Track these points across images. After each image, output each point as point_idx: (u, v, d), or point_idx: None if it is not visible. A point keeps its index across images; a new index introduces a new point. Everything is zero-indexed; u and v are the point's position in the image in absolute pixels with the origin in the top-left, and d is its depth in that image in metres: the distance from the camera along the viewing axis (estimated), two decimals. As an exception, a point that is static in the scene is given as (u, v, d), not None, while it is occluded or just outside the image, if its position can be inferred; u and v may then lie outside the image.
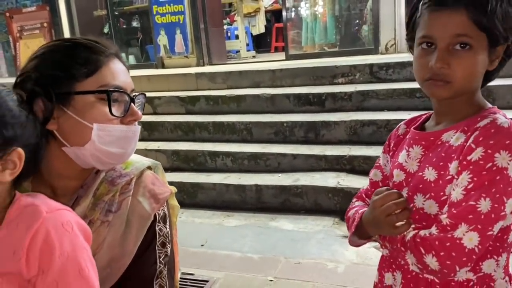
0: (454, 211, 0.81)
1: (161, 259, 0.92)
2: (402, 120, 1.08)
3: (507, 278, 0.90)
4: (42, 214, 0.72)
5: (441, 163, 0.87)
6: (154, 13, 5.73)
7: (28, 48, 6.80)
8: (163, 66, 5.84)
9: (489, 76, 0.91)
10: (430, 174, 0.89)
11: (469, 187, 0.81)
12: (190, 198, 3.55)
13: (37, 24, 6.69)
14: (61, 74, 0.84)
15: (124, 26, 7.15)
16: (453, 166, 0.85)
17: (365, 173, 3.24)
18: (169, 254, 0.94)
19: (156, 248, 0.92)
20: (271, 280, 2.43)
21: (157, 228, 0.93)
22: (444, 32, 0.84)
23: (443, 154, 0.88)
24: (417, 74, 0.90)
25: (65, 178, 0.91)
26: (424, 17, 0.87)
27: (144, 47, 6.85)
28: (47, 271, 0.70)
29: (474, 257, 0.80)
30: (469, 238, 0.79)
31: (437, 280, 0.89)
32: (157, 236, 0.93)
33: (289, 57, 5.44)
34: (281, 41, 8.46)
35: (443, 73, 0.85)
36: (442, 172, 0.87)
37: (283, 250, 2.76)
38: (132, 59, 6.65)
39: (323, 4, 5.65)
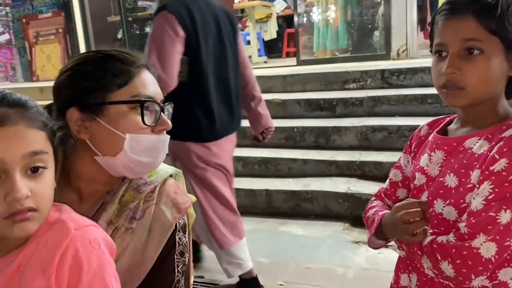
0: (473, 221, 0.81)
1: (179, 268, 0.93)
2: (413, 126, 1.09)
3: None
4: (71, 232, 0.72)
5: (463, 170, 0.88)
6: (167, 19, 5.78)
7: (43, 53, 6.93)
8: (175, 71, 5.89)
9: None
10: (451, 180, 0.89)
11: (489, 197, 0.81)
12: (201, 202, 3.57)
13: (53, 30, 6.81)
14: (94, 85, 0.86)
15: (138, 32, 7.24)
16: (474, 175, 0.85)
17: (375, 178, 3.24)
18: (186, 264, 0.96)
19: (175, 257, 0.93)
20: (281, 285, 2.44)
21: (177, 237, 0.94)
22: (454, 38, 0.86)
23: (465, 161, 0.88)
24: (434, 82, 0.92)
25: (93, 182, 0.92)
26: (438, 25, 0.89)
27: (157, 53, 6.93)
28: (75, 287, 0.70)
29: (490, 266, 0.80)
30: (487, 248, 0.80)
31: (452, 285, 0.89)
32: (177, 245, 0.94)
33: (300, 63, 5.45)
34: (292, 46, 8.46)
35: (454, 79, 0.86)
36: (463, 180, 0.87)
37: (293, 254, 2.77)
38: (145, 65, 6.73)
39: (335, 10, 5.66)
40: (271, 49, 8.89)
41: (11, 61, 8.29)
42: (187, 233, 0.97)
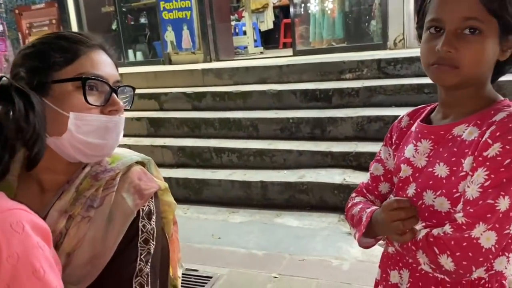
0: (471, 210, 0.78)
1: (142, 257, 0.88)
2: None
3: None
4: None
5: (453, 159, 0.84)
6: (161, 9, 5.73)
7: (37, 44, 6.86)
8: (170, 62, 5.85)
9: (501, 68, 0.88)
10: (441, 170, 0.85)
11: (485, 184, 0.77)
12: (196, 194, 3.54)
13: (46, 21, 6.74)
14: (39, 64, 0.84)
15: (132, 23, 7.17)
16: (467, 162, 0.81)
17: (371, 169, 3.22)
18: (152, 252, 0.91)
19: (138, 245, 0.89)
20: (275, 277, 2.42)
21: (140, 225, 0.89)
22: (453, 15, 0.81)
23: (455, 149, 0.84)
24: (423, 59, 0.87)
25: (52, 172, 0.89)
26: (434, 0, 0.85)
27: (152, 44, 6.86)
28: None
29: (490, 256, 0.78)
30: (487, 238, 0.76)
31: (447, 279, 0.85)
32: (140, 233, 0.89)
33: (296, 53, 5.41)
34: (289, 37, 8.39)
35: (449, 57, 0.81)
36: (455, 168, 0.83)
37: (287, 246, 2.75)
38: (139, 56, 6.67)
39: (331, 0, 5.60)
40: (268, 39, 8.83)
41: (5, 53, 8.21)
42: (153, 220, 0.93)
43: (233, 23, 7.66)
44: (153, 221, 0.92)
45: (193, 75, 4.81)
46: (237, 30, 7.89)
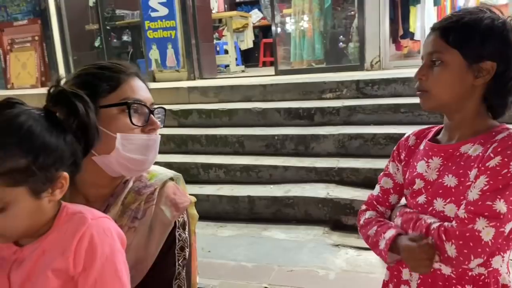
0: (471, 208, 0.93)
1: (179, 262, 1.02)
2: (387, 134, 1.22)
3: (508, 272, 1.03)
4: (88, 221, 0.82)
5: (461, 171, 0.99)
6: (146, 28, 5.84)
7: (19, 60, 6.84)
8: (154, 80, 5.94)
9: (493, 98, 1.01)
10: (450, 180, 1.00)
11: (485, 188, 0.93)
12: (184, 209, 3.62)
13: (29, 37, 6.73)
14: (88, 92, 0.94)
15: (115, 40, 7.25)
16: (473, 174, 0.97)
17: (353, 184, 3.39)
18: (187, 258, 1.05)
19: (176, 252, 1.02)
20: (266, 287, 2.53)
21: (176, 234, 1.03)
22: (425, 51, 1.03)
23: (462, 163, 1.00)
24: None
25: (96, 186, 1.01)
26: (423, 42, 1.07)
27: (135, 61, 6.95)
28: (89, 269, 0.80)
29: (487, 249, 0.92)
30: (487, 233, 0.91)
31: (453, 276, 1.00)
32: (177, 241, 1.03)
33: (278, 73, 5.60)
34: (268, 56, 8.65)
35: (421, 83, 1.03)
36: (463, 179, 0.98)
37: (276, 258, 2.85)
38: (123, 73, 6.73)
39: (311, 22, 5.85)
40: (248, 58, 9.04)
41: (-17, 69, 8.13)
42: (186, 230, 1.07)
43: (214, 41, 7.83)
44: (187, 231, 1.05)
45: (178, 92, 4.92)
46: (218, 49, 8.07)
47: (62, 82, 1.00)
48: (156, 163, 1.17)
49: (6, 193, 0.75)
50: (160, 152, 3.99)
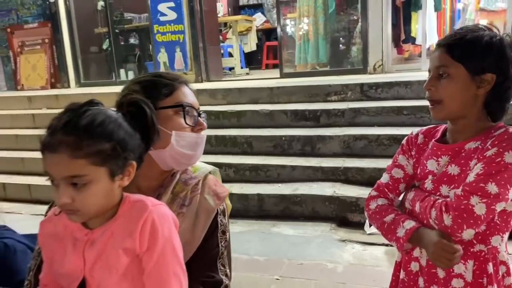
0: (467, 188, 1.10)
1: (222, 244, 1.19)
2: (391, 135, 1.38)
3: (507, 251, 1.20)
4: (149, 207, 0.96)
5: (463, 161, 1.16)
6: (155, 31, 5.99)
7: (29, 62, 6.99)
8: (162, 82, 6.09)
9: (492, 105, 1.16)
10: (453, 169, 1.17)
11: (480, 173, 1.10)
12: (196, 206, 3.77)
13: (39, 40, 6.88)
14: (148, 95, 1.11)
15: (123, 43, 7.41)
16: (472, 163, 1.14)
17: (358, 183, 3.54)
18: (228, 240, 1.21)
19: (218, 235, 1.19)
20: (277, 279, 2.67)
21: (218, 219, 1.20)
22: (433, 65, 1.18)
23: (463, 154, 1.17)
24: None
25: (148, 179, 1.17)
26: (430, 57, 1.23)
27: (142, 63, 7.11)
28: (152, 248, 0.94)
29: (479, 222, 1.08)
30: (479, 208, 1.07)
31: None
32: (219, 226, 1.20)
33: (283, 75, 5.75)
34: (271, 58, 8.82)
35: (431, 94, 1.18)
36: (464, 168, 1.15)
37: (285, 252, 3.00)
38: (131, 75, 6.89)
39: (316, 26, 6.00)
40: (251, 60, 9.21)
41: (-8, 70, 8.27)
42: (226, 216, 1.24)
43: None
44: (226, 217, 1.21)
45: (187, 95, 5.06)
46: (222, 52, 8.23)
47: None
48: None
49: (90, 170, 0.88)
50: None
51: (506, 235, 1.18)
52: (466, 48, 1.13)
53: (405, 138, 1.35)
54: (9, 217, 3.81)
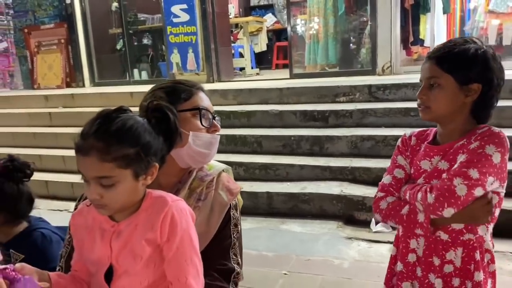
0: (451, 173, 1.22)
1: (234, 235, 1.31)
2: (398, 135, 1.48)
3: (491, 240, 1.32)
4: (169, 203, 1.07)
5: (451, 157, 1.28)
6: (168, 33, 6.13)
7: (45, 62, 7.18)
8: (174, 82, 6.23)
9: (478, 112, 1.29)
10: (443, 165, 1.29)
11: (463, 161, 1.22)
12: (207, 203, 3.90)
13: (55, 40, 7.07)
14: (170, 100, 1.24)
15: (136, 43, 7.56)
16: (459, 158, 1.25)
17: (365, 182, 3.63)
18: (239, 232, 1.32)
19: (231, 227, 1.31)
20: (285, 274, 2.78)
21: (231, 213, 1.32)
22: (424, 76, 1.30)
23: (451, 151, 1.29)
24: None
25: (168, 175, 1.29)
26: (421, 67, 1.33)
27: (155, 63, 7.25)
28: (172, 239, 1.05)
29: (459, 202, 1.19)
30: (460, 189, 1.19)
31: (450, 240, 1.27)
32: (231, 219, 1.32)
33: (293, 76, 5.85)
34: (281, 58, 8.92)
35: (423, 101, 1.30)
36: (453, 163, 1.26)
37: (294, 249, 3.10)
38: (144, 75, 7.04)
39: (325, 28, 6.09)
40: (261, 60, 9.32)
41: (8, 69, 8.51)
42: (238, 211, 1.36)
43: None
44: (238, 211, 1.33)
45: (199, 95, 5.19)
46: (233, 52, 8.35)
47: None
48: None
49: (117, 172, 0.99)
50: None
51: (491, 226, 1.30)
52: (454, 60, 1.25)
53: (400, 140, 1.46)
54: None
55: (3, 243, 1.49)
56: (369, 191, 3.44)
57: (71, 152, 1.05)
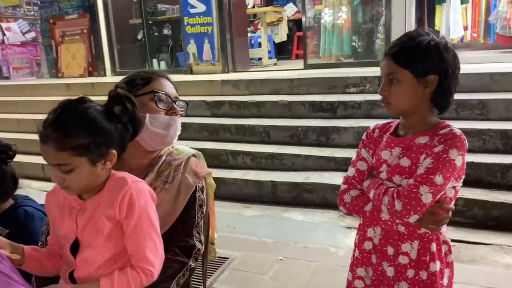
0: (418, 179, 1.25)
1: (198, 215, 1.41)
2: None
3: (447, 232, 1.37)
4: (128, 183, 1.17)
5: (413, 155, 1.31)
6: (185, 23, 6.24)
7: (69, 51, 7.44)
8: (191, 72, 6.36)
9: (437, 103, 1.33)
10: (405, 162, 1.32)
11: (429, 166, 1.25)
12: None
13: (78, 30, 7.31)
14: (129, 86, 1.37)
15: (156, 34, 7.72)
16: (422, 157, 1.29)
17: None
18: (204, 213, 1.42)
19: (196, 208, 1.41)
20: (281, 259, 2.86)
21: (197, 195, 1.43)
22: (383, 72, 1.34)
23: (414, 149, 1.31)
24: None
25: (137, 158, 1.41)
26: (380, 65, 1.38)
27: (174, 54, 7.40)
28: (130, 216, 1.14)
29: (424, 209, 1.23)
30: (426, 197, 1.23)
31: (406, 232, 1.33)
32: (197, 200, 1.42)
33: (307, 67, 5.87)
34: (301, 48, 8.90)
35: (384, 97, 1.34)
36: (415, 161, 1.30)
37: (293, 236, 3.17)
38: (163, 65, 7.19)
39: (341, 18, 6.07)
40: (282, 50, 9.33)
41: (36, 58, 8.84)
42: (204, 193, 1.45)
43: (249, 35, 8.17)
44: (204, 194, 1.43)
45: (212, 85, 5.30)
46: (252, 42, 8.39)
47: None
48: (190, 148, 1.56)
49: (73, 160, 1.09)
50: (194, 139, 4.52)
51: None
52: (408, 55, 1.28)
53: (365, 133, 1.50)
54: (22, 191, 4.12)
55: None
56: (371, 182, 3.47)
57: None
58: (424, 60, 1.27)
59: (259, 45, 8.06)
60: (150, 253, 1.15)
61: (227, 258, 2.91)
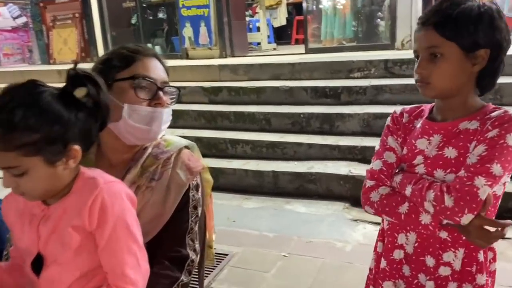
0: (471, 169, 1.02)
1: (192, 219, 1.16)
2: None
3: None
4: (100, 185, 0.94)
5: (461, 144, 1.07)
6: (180, 6, 5.99)
7: (60, 37, 7.18)
8: (187, 57, 6.13)
9: (482, 81, 1.10)
10: (450, 152, 1.08)
11: (483, 154, 1.02)
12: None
13: (69, 15, 7.05)
14: (105, 68, 1.11)
15: (150, 18, 7.46)
16: (472, 145, 1.05)
17: (375, 162, 3.48)
18: (199, 215, 1.19)
19: (189, 210, 1.17)
20: (285, 256, 2.69)
21: (190, 194, 1.17)
22: (421, 46, 1.09)
23: (462, 137, 1.08)
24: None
25: (117, 152, 1.17)
26: (414, 37, 1.13)
27: (170, 38, 7.15)
28: (103, 226, 0.92)
29: (479, 207, 1.01)
30: (484, 191, 0.99)
31: (449, 239, 1.09)
32: (190, 201, 1.17)
33: (308, 51, 5.65)
34: (301, 33, 8.65)
35: (422, 76, 1.08)
36: (463, 151, 1.06)
37: (296, 230, 3.01)
38: (158, 50, 6.95)
39: (343, 0, 5.83)
40: (281, 35, 9.07)
41: (27, 44, 8.56)
42: (199, 191, 1.21)
43: (247, 18, 7.90)
44: (200, 192, 1.21)
45: (210, 70, 5.08)
46: (250, 26, 8.13)
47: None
48: (187, 137, 1.33)
49: (24, 161, 0.86)
50: (191, 127, 4.24)
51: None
52: (457, 24, 1.04)
53: (390, 118, 1.27)
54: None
55: None
56: (378, 172, 3.29)
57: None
58: (475, 29, 1.04)
59: (258, 29, 7.81)
60: (130, 269, 0.93)
61: (226, 255, 2.74)
